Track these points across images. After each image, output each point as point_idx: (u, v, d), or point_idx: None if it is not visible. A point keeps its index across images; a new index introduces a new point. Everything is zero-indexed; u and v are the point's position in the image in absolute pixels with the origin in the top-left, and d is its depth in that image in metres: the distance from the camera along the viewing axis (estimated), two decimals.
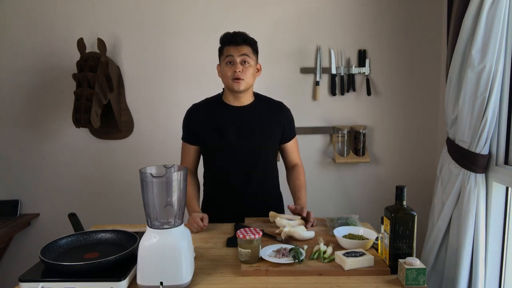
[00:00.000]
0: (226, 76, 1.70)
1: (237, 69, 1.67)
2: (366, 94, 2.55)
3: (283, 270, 1.25)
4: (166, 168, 1.18)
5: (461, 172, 1.90)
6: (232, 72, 1.68)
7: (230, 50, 1.69)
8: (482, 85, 1.75)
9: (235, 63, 1.68)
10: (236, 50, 1.68)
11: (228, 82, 1.70)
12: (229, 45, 1.70)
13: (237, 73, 1.67)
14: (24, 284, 1.14)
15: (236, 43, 1.69)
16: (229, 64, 1.69)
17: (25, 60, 2.53)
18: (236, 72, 1.67)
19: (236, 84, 1.68)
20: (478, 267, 1.82)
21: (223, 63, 1.71)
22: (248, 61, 1.69)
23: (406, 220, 1.24)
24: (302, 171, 1.88)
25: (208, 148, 1.79)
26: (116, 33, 2.52)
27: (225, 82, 1.73)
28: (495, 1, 1.68)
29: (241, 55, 1.67)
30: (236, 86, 1.69)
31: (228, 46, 1.70)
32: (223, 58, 1.72)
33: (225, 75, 1.71)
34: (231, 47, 1.69)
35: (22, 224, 2.53)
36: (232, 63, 1.68)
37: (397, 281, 1.21)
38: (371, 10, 2.51)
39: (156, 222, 1.17)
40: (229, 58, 1.68)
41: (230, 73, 1.68)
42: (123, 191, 2.62)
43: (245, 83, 1.70)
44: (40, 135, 2.60)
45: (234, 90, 1.71)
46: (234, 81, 1.68)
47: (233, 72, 1.68)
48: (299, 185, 1.83)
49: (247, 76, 1.69)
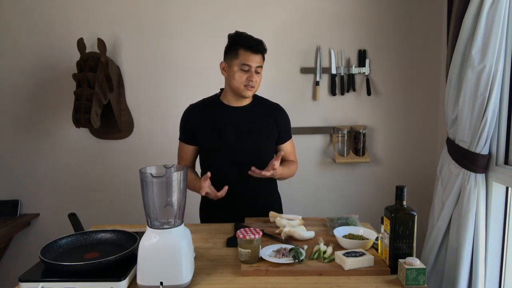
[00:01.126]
0: (238, 81, 1.68)
1: (253, 78, 1.67)
2: (366, 94, 2.55)
3: (283, 270, 1.25)
4: (166, 168, 1.18)
5: (461, 172, 1.90)
6: (246, 80, 1.68)
7: (249, 57, 1.66)
8: (482, 85, 1.75)
9: (251, 72, 1.67)
10: (254, 60, 1.67)
11: (240, 88, 1.69)
12: (247, 50, 1.67)
13: (252, 82, 1.68)
14: (24, 284, 1.14)
15: (257, 51, 1.67)
16: (244, 71, 1.67)
17: (25, 60, 2.53)
18: (251, 81, 1.67)
19: (248, 92, 1.70)
20: (478, 267, 1.82)
21: (237, 66, 1.68)
22: (260, 71, 1.71)
23: (406, 220, 1.24)
24: (295, 165, 1.90)
25: (206, 148, 1.79)
26: (116, 33, 2.52)
27: (235, 86, 1.70)
28: (495, 1, 1.68)
29: (257, 66, 1.68)
30: (248, 93, 1.70)
31: (245, 51, 1.67)
32: (237, 61, 1.68)
33: (237, 79, 1.68)
34: (249, 53, 1.66)
35: (22, 224, 2.53)
36: (248, 70, 1.68)
37: (397, 281, 1.21)
38: (371, 10, 2.51)
39: (156, 222, 1.17)
40: (246, 66, 1.67)
41: (244, 81, 1.68)
42: (123, 191, 2.62)
43: (255, 90, 1.72)
44: (40, 135, 2.60)
45: (243, 96, 1.72)
46: (246, 88, 1.69)
47: (247, 80, 1.68)
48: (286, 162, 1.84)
49: (258, 83, 1.72)
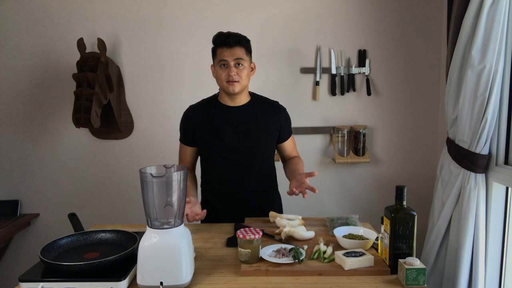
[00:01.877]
0: (220, 79, 1.70)
1: (231, 72, 1.66)
2: (366, 94, 2.55)
3: (283, 270, 1.25)
4: (166, 168, 1.18)
5: (461, 172, 1.90)
6: (226, 75, 1.67)
7: (224, 53, 1.67)
8: (482, 85, 1.75)
9: (229, 66, 1.67)
10: (229, 54, 1.66)
11: (223, 85, 1.70)
12: (222, 47, 1.67)
13: (231, 77, 1.67)
14: (24, 284, 1.14)
15: (229, 45, 1.66)
16: (223, 67, 1.68)
17: (25, 60, 2.53)
18: (230, 75, 1.66)
19: (231, 87, 1.68)
20: (478, 267, 1.82)
21: (217, 65, 1.70)
22: (242, 63, 1.68)
23: (406, 220, 1.24)
24: (300, 160, 1.89)
25: (205, 148, 1.79)
26: (116, 33, 2.52)
27: (220, 84, 1.72)
28: (495, 1, 1.68)
29: (235, 58, 1.66)
30: (231, 88, 1.69)
31: (221, 48, 1.68)
32: (216, 60, 1.70)
33: (219, 77, 1.70)
34: (224, 49, 1.67)
35: (22, 224, 2.53)
36: (226, 65, 1.68)
37: (397, 281, 1.21)
38: (371, 10, 2.51)
39: (156, 222, 1.17)
40: (223, 61, 1.67)
41: (224, 76, 1.68)
42: (123, 191, 2.62)
43: (240, 85, 1.69)
44: (40, 135, 2.60)
45: (229, 92, 1.71)
46: (229, 84, 1.68)
47: (227, 75, 1.67)
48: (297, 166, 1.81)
49: (242, 77, 1.69)
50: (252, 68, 1.78)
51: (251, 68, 1.76)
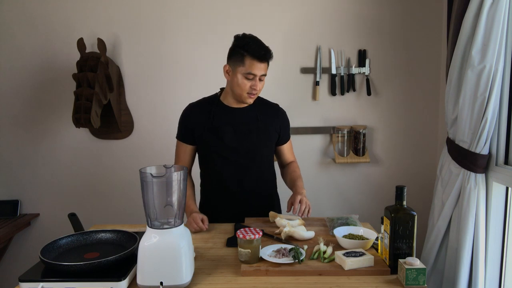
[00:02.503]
0: (242, 89, 1.66)
1: (257, 87, 1.66)
2: (366, 94, 2.55)
3: (283, 270, 1.25)
4: (166, 168, 1.18)
5: (461, 172, 1.90)
6: (250, 88, 1.66)
7: (255, 66, 1.62)
8: (482, 85, 1.75)
9: (256, 80, 1.65)
10: (260, 68, 1.64)
11: (243, 95, 1.68)
12: (254, 59, 1.62)
13: (255, 91, 1.67)
14: (24, 284, 1.14)
15: (263, 60, 1.64)
16: (247, 79, 1.65)
17: (25, 60, 2.53)
18: (255, 90, 1.66)
19: (250, 99, 1.70)
20: (478, 267, 1.82)
21: (241, 74, 1.64)
22: (263, 78, 1.69)
23: (406, 220, 1.24)
24: (297, 166, 1.90)
25: (205, 148, 1.79)
26: (116, 33, 2.52)
27: (238, 92, 1.68)
28: (495, 1, 1.68)
29: (262, 74, 1.66)
30: (250, 101, 1.70)
31: (252, 59, 1.62)
32: (242, 68, 1.64)
33: (242, 87, 1.66)
34: (256, 62, 1.62)
35: (22, 224, 2.53)
36: (252, 78, 1.65)
37: (397, 281, 1.21)
38: (371, 10, 2.51)
39: (156, 222, 1.17)
40: (251, 75, 1.64)
41: (248, 88, 1.66)
42: (123, 191, 2.62)
43: (256, 96, 1.72)
44: (40, 135, 2.60)
45: (245, 103, 1.72)
46: (249, 96, 1.68)
47: (251, 89, 1.66)
48: (295, 176, 1.83)
49: (260, 90, 1.70)
50: None
51: None
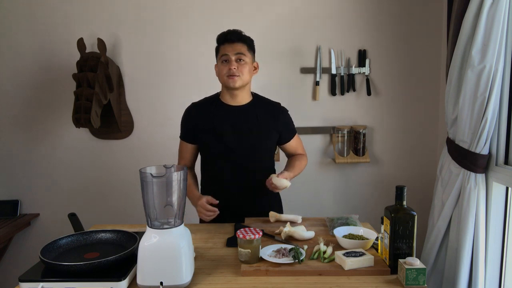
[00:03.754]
0: (221, 74, 1.72)
1: (232, 66, 1.68)
2: (366, 94, 2.55)
3: (283, 270, 1.25)
4: (166, 168, 1.18)
5: (461, 172, 1.90)
6: (227, 69, 1.70)
7: (226, 48, 1.71)
8: (482, 85, 1.75)
9: (230, 60, 1.69)
10: (231, 49, 1.70)
11: (224, 79, 1.72)
12: (224, 43, 1.72)
13: (232, 70, 1.68)
14: (24, 284, 1.14)
15: (231, 41, 1.71)
16: (224, 62, 1.71)
17: (25, 60, 2.53)
18: (231, 69, 1.68)
19: (232, 81, 1.69)
20: (478, 267, 1.82)
21: (219, 61, 1.73)
22: (244, 59, 1.71)
23: (406, 220, 1.24)
24: (305, 158, 1.91)
25: (205, 147, 1.79)
26: (116, 33, 2.52)
27: (221, 80, 1.74)
28: (495, 1, 1.68)
29: (236, 53, 1.69)
30: (232, 82, 1.69)
31: (223, 45, 1.72)
32: (219, 57, 1.74)
33: (220, 72, 1.73)
34: (226, 45, 1.71)
35: (22, 224, 2.53)
36: (227, 61, 1.70)
37: (397, 281, 1.21)
38: (371, 10, 2.51)
39: (156, 222, 1.18)
40: (224, 56, 1.70)
41: (225, 71, 1.70)
42: (123, 191, 2.62)
43: (241, 79, 1.71)
44: (40, 135, 2.60)
45: (229, 86, 1.72)
46: (229, 78, 1.69)
47: (228, 70, 1.69)
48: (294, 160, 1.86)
49: (243, 73, 1.70)
50: (255, 68, 1.80)
51: (253, 67, 1.77)
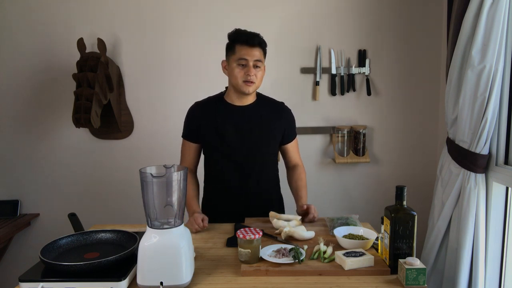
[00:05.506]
0: (236, 77, 1.66)
1: (251, 73, 1.64)
2: (366, 94, 2.55)
3: (283, 270, 1.25)
4: (166, 168, 1.18)
5: (461, 172, 1.90)
6: (244, 75, 1.65)
7: (244, 52, 1.64)
8: (482, 85, 1.75)
9: (249, 66, 1.64)
10: (251, 54, 1.64)
11: (239, 83, 1.67)
12: (243, 44, 1.65)
13: (250, 77, 1.65)
14: (24, 284, 1.14)
15: (251, 44, 1.64)
16: (241, 66, 1.66)
17: (25, 60, 2.53)
18: (249, 75, 1.64)
19: (247, 87, 1.67)
20: (478, 267, 1.82)
21: (234, 63, 1.66)
22: (260, 65, 1.67)
23: (406, 220, 1.24)
24: (303, 171, 1.88)
25: (208, 146, 1.79)
26: (116, 33, 2.52)
27: (234, 82, 1.69)
28: (495, 1, 1.68)
29: (255, 60, 1.65)
30: (247, 89, 1.67)
31: (241, 46, 1.65)
32: (234, 57, 1.66)
33: (235, 75, 1.67)
34: (244, 47, 1.64)
35: (22, 224, 2.53)
36: (245, 66, 1.65)
37: (397, 281, 1.21)
38: (371, 10, 2.51)
39: (156, 222, 1.17)
40: (242, 61, 1.64)
41: (242, 75, 1.65)
42: (123, 191, 2.62)
43: (255, 86, 1.69)
44: (40, 135, 2.60)
45: (243, 92, 1.69)
46: (245, 83, 1.66)
47: (245, 75, 1.65)
48: (300, 186, 1.83)
49: (258, 79, 1.68)
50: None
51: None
